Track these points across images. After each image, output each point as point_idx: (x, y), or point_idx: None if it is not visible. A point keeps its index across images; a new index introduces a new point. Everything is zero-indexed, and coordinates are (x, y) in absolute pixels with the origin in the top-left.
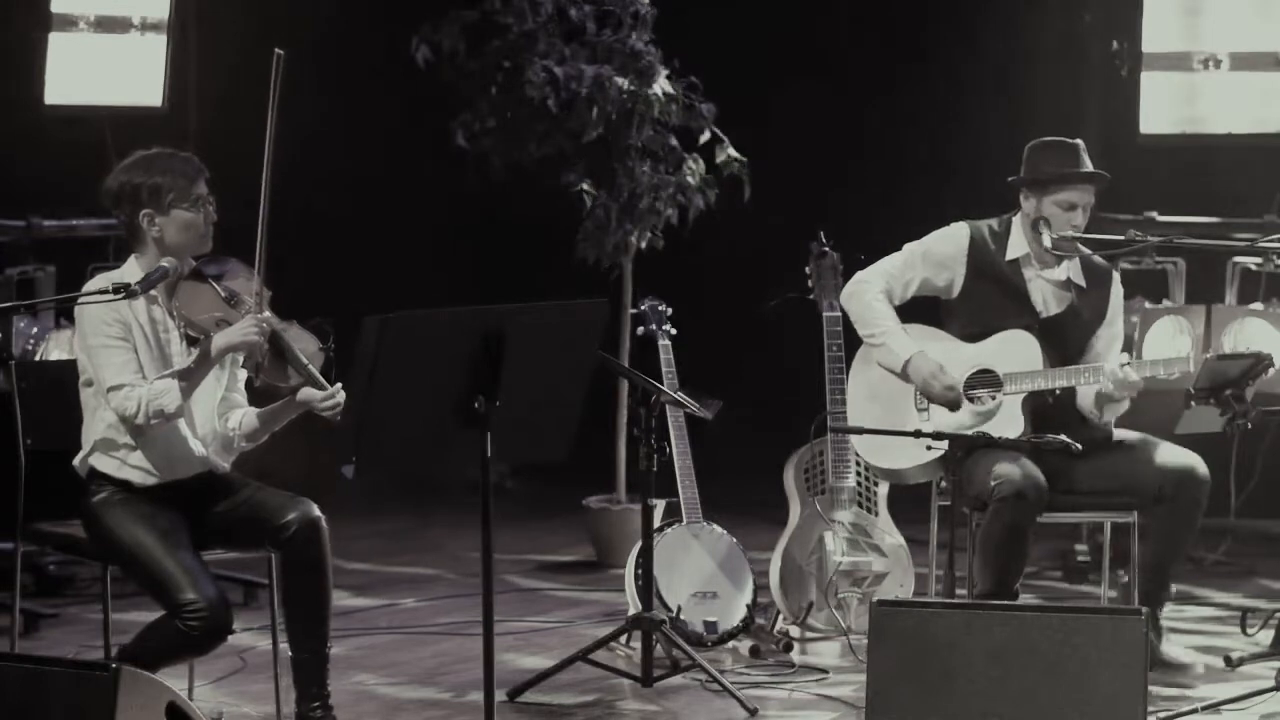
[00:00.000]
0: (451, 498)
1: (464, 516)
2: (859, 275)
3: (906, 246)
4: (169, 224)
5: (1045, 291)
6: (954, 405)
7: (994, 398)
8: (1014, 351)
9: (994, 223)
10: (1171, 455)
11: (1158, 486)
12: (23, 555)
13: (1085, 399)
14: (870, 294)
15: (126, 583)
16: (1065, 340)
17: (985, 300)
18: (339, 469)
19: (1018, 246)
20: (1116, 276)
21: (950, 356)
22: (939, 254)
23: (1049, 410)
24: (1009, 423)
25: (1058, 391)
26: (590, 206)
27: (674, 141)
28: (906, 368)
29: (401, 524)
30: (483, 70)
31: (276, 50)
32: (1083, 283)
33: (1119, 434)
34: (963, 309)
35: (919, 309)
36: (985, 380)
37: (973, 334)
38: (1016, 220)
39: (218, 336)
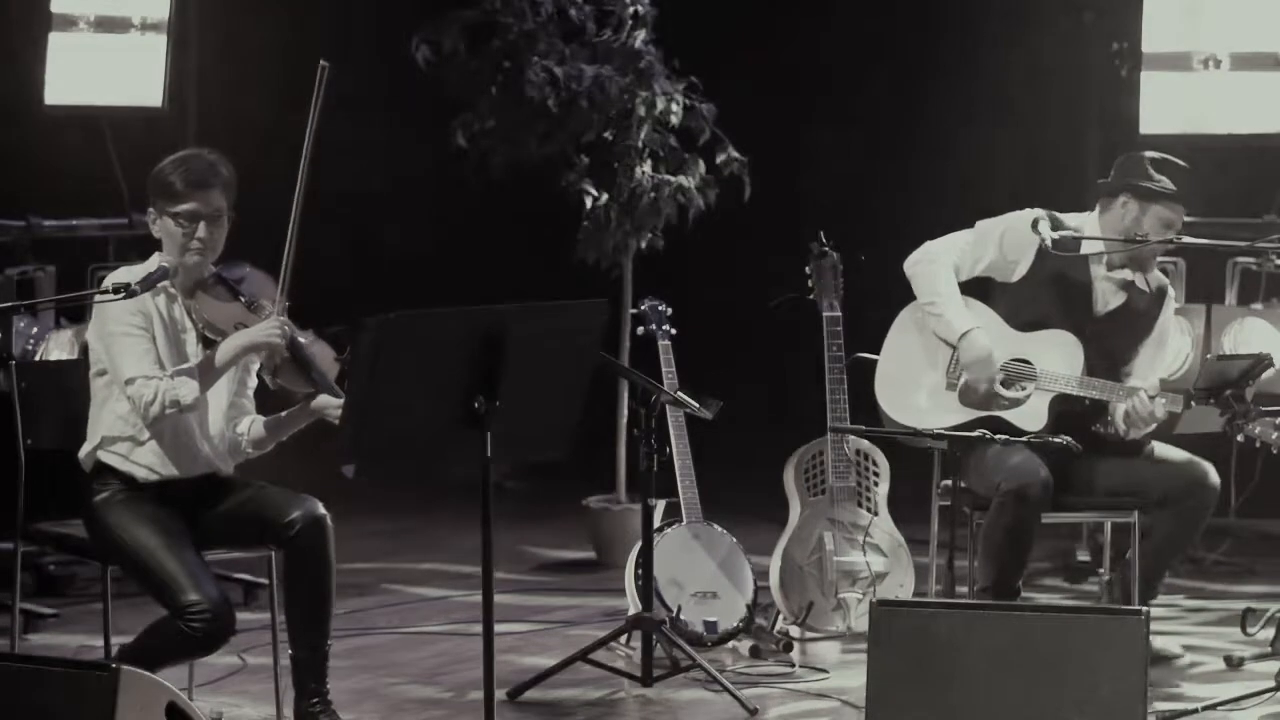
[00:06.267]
0: (452, 497)
1: (464, 516)
2: (928, 245)
3: (980, 224)
4: (157, 227)
5: (1107, 290)
6: (987, 395)
7: (1024, 389)
8: (1058, 350)
9: (1069, 217)
10: (1182, 460)
11: (1164, 490)
12: (23, 555)
13: (1118, 413)
14: (938, 265)
15: (127, 583)
16: (1113, 343)
17: (1043, 290)
18: (339, 469)
19: (1092, 243)
20: (1172, 295)
21: (997, 337)
22: (1015, 236)
23: (1075, 415)
24: (1032, 417)
25: (1087, 402)
26: (590, 206)
27: (674, 141)
28: (961, 340)
29: (401, 523)
30: (483, 70)
31: (322, 62)
32: (1145, 288)
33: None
34: (1018, 295)
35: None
36: (1021, 370)
37: (1020, 322)
38: (1093, 217)
39: (240, 334)
